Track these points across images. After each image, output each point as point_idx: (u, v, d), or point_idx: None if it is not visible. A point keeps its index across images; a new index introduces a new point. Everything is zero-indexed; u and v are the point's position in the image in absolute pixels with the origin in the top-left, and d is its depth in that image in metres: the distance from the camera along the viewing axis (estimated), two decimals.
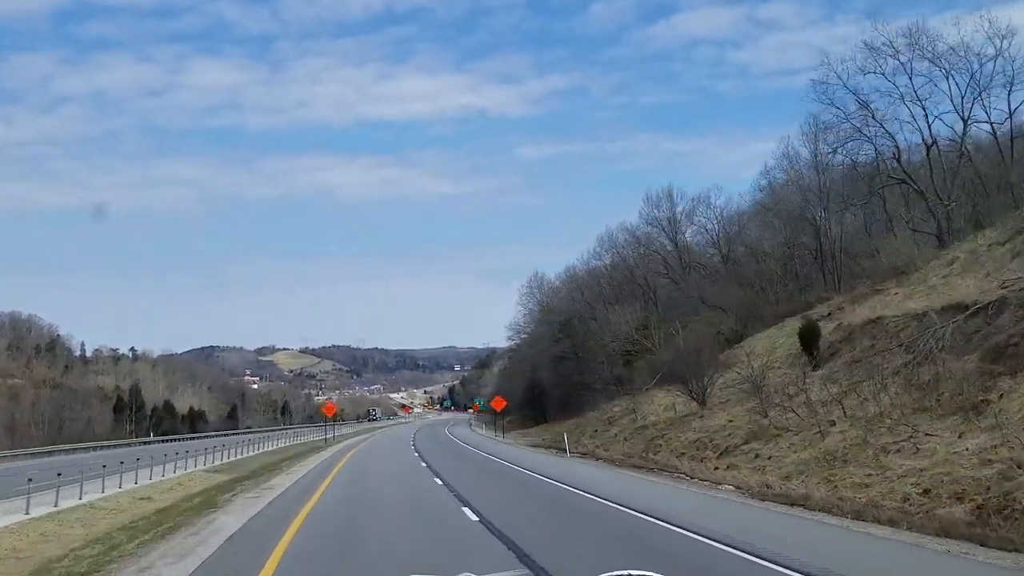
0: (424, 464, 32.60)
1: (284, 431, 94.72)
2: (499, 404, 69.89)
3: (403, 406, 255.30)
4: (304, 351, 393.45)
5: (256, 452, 54.19)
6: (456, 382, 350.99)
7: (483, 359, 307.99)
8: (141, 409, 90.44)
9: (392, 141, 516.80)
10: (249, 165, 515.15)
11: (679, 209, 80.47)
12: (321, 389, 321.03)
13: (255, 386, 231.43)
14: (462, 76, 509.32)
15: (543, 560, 10.99)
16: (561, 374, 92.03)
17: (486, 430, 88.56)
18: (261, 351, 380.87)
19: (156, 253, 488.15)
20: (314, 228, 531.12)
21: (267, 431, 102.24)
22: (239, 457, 48.34)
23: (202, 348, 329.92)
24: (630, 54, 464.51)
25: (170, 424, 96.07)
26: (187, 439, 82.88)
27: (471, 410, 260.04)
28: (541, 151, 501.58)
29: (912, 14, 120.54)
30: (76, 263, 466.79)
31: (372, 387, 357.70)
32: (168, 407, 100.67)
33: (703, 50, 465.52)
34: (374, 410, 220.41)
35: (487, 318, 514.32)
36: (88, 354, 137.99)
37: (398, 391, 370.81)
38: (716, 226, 77.87)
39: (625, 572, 4.97)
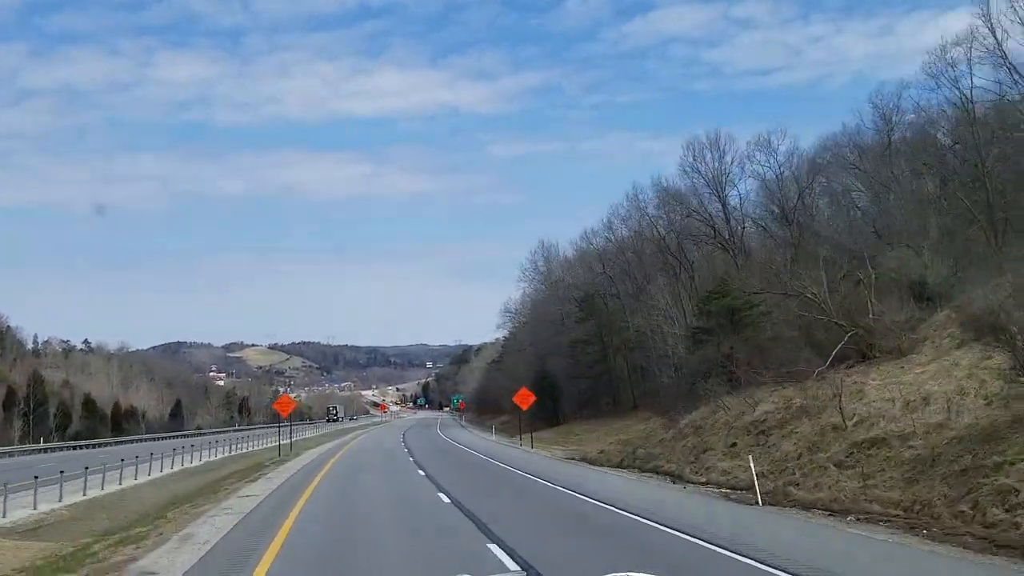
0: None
1: (236, 434, 75.24)
2: (526, 400, 49.65)
3: (378, 404, 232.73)
4: (273, 347, 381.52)
5: (164, 473, 34.62)
6: (430, 379, 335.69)
7: (459, 355, 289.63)
8: (43, 405, 69.44)
9: (364, 137, 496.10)
10: (219, 161, 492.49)
11: (728, 159, 62.51)
12: (290, 386, 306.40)
13: (220, 383, 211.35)
14: (436, 72, 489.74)
15: None
16: (582, 363, 73.14)
17: (495, 435, 69.52)
18: (229, 347, 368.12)
19: (124, 249, 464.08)
20: (285, 225, 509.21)
21: (217, 433, 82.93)
22: (121, 487, 28.72)
23: (168, 344, 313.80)
24: (605, 51, 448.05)
25: (87, 424, 75.52)
26: (101, 445, 63.21)
27: (447, 408, 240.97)
28: (515, 149, 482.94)
29: None
30: (40, 258, 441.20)
31: (342, 384, 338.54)
32: (88, 404, 79.38)
33: (678, 48, 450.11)
34: (334, 408, 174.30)
35: (459, 315, 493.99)
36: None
37: (369, 388, 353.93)
38: (778, 172, 59.18)
39: (623, 574, 4.64)
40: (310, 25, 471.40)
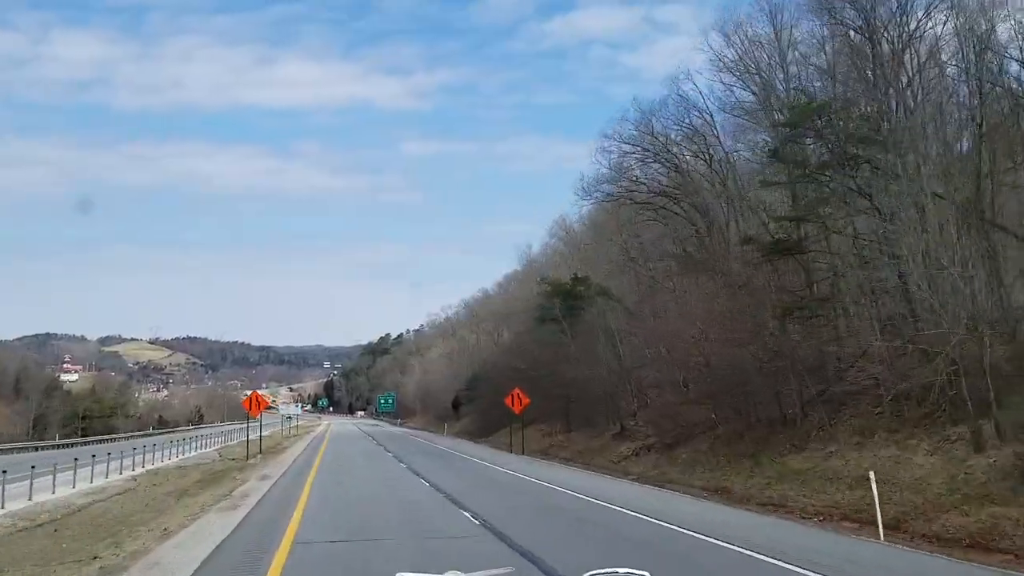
0: None
1: None
2: None
3: (272, 400, 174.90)
4: (155, 343, 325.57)
5: None
6: (334, 376, 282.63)
7: (374, 346, 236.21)
8: None
9: (271, 130, 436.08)
10: (118, 147, 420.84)
11: None
12: (168, 384, 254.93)
13: (70, 378, 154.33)
14: (349, 64, 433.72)
15: None
16: None
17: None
18: (105, 341, 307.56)
19: (13, 237, 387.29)
20: (184, 217, 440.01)
21: None
22: None
23: (36, 335, 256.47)
24: (524, 50, 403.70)
25: None
26: None
27: (362, 413, 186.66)
28: (427, 148, 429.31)
29: None
30: None
31: (229, 383, 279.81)
32: None
33: (598, 50, 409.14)
34: None
35: (359, 316, 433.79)
36: None
37: (260, 388, 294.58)
38: None
39: (611, 570, 3.91)
40: (216, 6, 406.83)
